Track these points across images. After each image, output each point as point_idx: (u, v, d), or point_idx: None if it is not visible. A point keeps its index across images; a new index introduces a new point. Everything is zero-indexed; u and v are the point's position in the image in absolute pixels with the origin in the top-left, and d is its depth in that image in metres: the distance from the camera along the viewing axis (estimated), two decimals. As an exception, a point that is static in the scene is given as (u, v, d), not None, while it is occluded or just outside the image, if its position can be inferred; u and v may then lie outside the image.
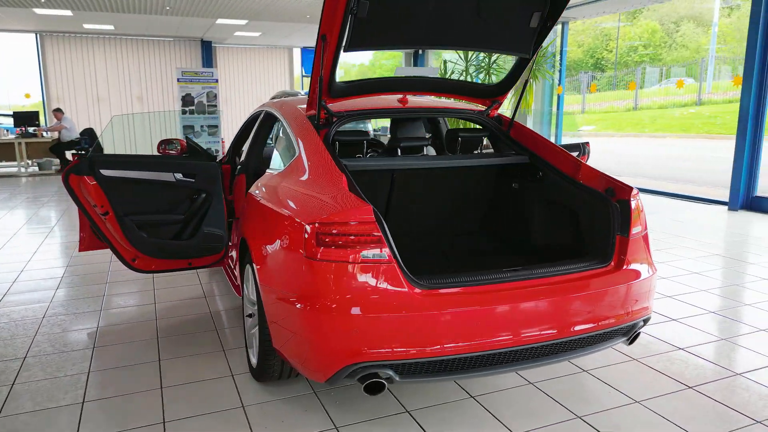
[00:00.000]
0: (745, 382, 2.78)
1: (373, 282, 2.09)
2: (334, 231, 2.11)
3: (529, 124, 11.71)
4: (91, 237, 4.06)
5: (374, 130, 11.02)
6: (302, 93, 11.42)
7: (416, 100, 3.34)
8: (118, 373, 2.94)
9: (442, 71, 10.26)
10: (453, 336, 2.10)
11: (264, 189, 2.79)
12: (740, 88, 7.07)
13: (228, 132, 13.64)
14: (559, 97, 11.59)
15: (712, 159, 13.85)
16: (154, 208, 3.39)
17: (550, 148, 2.98)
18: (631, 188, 2.50)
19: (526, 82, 3.09)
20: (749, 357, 3.06)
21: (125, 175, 3.25)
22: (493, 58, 9.99)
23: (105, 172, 3.18)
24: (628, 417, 2.48)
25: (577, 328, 2.26)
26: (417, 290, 2.11)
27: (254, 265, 2.58)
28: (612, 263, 2.43)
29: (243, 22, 11.65)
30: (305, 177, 2.51)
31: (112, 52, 14.11)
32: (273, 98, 12.20)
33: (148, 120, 14.52)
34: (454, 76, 10.05)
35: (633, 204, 2.48)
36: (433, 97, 3.59)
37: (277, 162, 3.02)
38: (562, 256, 2.73)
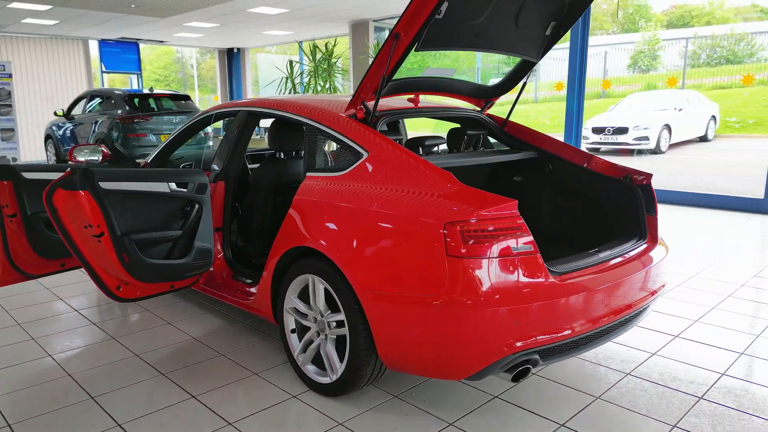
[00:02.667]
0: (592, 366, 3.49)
1: (522, 273, 2.19)
2: (481, 227, 2.15)
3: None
4: (6, 268, 3.30)
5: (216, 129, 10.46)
6: (118, 91, 10.24)
7: (425, 100, 3.43)
8: (158, 419, 2.51)
9: (289, 70, 10.17)
10: (582, 315, 2.31)
11: (333, 193, 2.62)
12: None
13: (23, 137, 11.52)
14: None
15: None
16: (153, 224, 2.92)
17: (556, 143, 3.33)
18: (650, 174, 2.97)
19: (524, 84, 3.40)
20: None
21: (125, 188, 2.74)
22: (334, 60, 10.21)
23: (105, 185, 2.65)
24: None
25: (648, 297, 2.65)
26: (554, 278, 2.27)
27: (344, 273, 2.44)
28: (648, 240, 2.88)
29: (45, 7, 9.97)
30: (401, 177, 2.45)
31: None
32: (81, 98, 10.73)
33: None
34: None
35: (653, 187, 2.96)
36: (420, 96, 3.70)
37: (323, 165, 2.85)
38: (585, 239, 3.11)
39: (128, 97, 10.03)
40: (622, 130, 13.68)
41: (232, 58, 16.15)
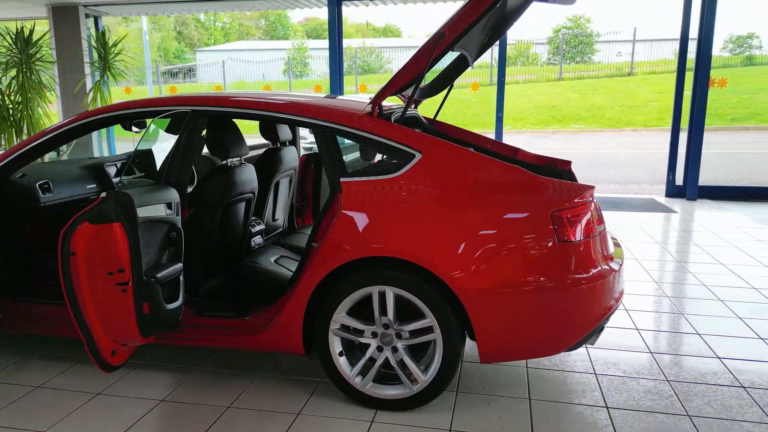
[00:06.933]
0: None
1: (604, 248, 2.55)
2: (578, 212, 2.42)
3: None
4: None
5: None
6: None
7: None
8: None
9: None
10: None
11: (402, 197, 2.45)
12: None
13: None
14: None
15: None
16: (155, 259, 2.21)
17: (482, 138, 3.72)
18: (570, 161, 3.63)
19: (452, 86, 3.67)
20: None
21: (152, 215, 2.01)
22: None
23: (143, 211, 1.90)
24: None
25: None
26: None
27: (439, 277, 2.37)
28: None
29: None
30: (471, 173, 2.48)
31: None
32: None
33: None
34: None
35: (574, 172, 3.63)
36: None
37: (359, 169, 2.61)
38: None
39: None
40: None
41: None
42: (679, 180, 7.86)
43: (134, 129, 3.43)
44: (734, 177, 9.89)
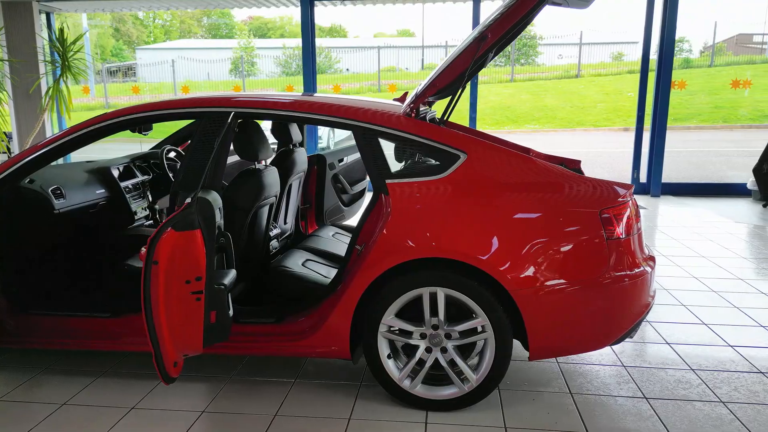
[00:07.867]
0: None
1: (643, 244, 2.64)
2: (622, 210, 2.50)
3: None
4: None
5: None
6: None
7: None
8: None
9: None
10: None
11: (451, 197, 2.46)
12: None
13: None
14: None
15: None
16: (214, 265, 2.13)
17: (494, 138, 3.77)
18: (579, 160, 3.73)
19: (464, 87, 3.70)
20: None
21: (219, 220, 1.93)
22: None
23: (218, 217, 1.83)
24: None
25: None
26: None
27: (492, 276, 2.40)
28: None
29: None
30: (517, 172, 2.52)
31: None
32: None
33: None
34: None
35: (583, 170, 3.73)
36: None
37: (404, 170, 2.60)
38: None
39: None
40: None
41: None
42: (643, 177, 8.21)
43: (143, 132, 3.30)
44: (685, 174, 10.42)
